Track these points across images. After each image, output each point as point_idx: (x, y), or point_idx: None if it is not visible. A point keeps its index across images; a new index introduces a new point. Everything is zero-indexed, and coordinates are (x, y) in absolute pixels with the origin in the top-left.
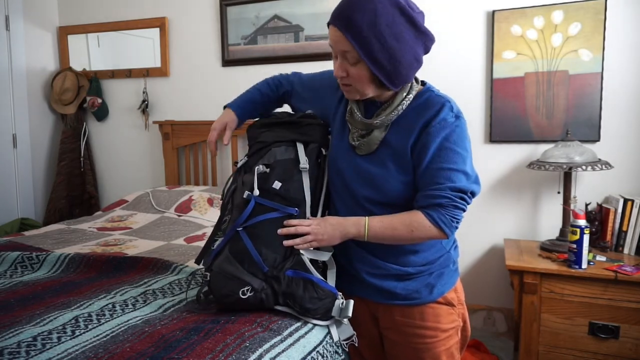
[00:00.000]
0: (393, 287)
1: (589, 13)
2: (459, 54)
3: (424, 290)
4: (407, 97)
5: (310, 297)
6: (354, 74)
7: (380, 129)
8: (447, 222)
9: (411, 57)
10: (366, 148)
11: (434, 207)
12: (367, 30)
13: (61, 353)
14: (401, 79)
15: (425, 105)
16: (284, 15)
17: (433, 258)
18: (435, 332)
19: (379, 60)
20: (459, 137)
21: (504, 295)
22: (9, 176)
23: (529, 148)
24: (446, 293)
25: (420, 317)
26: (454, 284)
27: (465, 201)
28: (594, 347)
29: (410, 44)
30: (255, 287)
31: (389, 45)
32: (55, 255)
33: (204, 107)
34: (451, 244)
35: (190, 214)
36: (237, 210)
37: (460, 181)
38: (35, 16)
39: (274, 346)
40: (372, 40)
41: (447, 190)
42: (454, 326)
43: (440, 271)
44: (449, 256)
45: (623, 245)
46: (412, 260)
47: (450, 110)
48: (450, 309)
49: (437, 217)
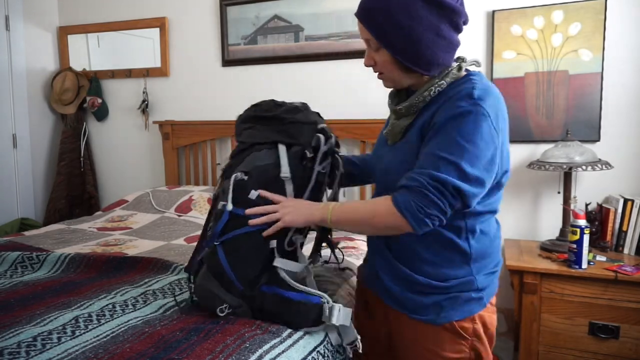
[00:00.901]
0: (403, 295)
1: (589, 13)
2: (459, 54)
3: (432, 310)
4: (439, 84)
5: (289, 313)
6: (379, 61)
7: (408, 117)
8: (412, 210)
9: (432, 35)
10: (392, 137)
11: (403, 189)
12: (379, 13)
13: (61, 353)
14: (426, 60)
15: (452, 90)
16: (284, 15)
17: (451, 276)
18: (433, 356)
19: (394, 42)
20: (467, 126)
21: (504, 295)
22: (9, 176)
23: (529, 148)
24: (455, 321)
25: (422, 335)
26: (470, 314)
27: (441, 194)
28: (594, 347)
29: (429, 20)
30: (233, 304)
31: (403, 25)
32: (56, 256)
33: (204, 107)
34: (483, 268)
35: (190, 214)
36: (214, 221)
37: (446, 172)
38: (35, 16)
39: (273, 347)
40: (384, 23)
41: (423, 175)
42: (459, 357)
43: (456, 295)
44: (472, 280)
45: (623, 245)
46: (426, 270)
47: (468, 95)
48: (458, 338)
49: (402, 201)
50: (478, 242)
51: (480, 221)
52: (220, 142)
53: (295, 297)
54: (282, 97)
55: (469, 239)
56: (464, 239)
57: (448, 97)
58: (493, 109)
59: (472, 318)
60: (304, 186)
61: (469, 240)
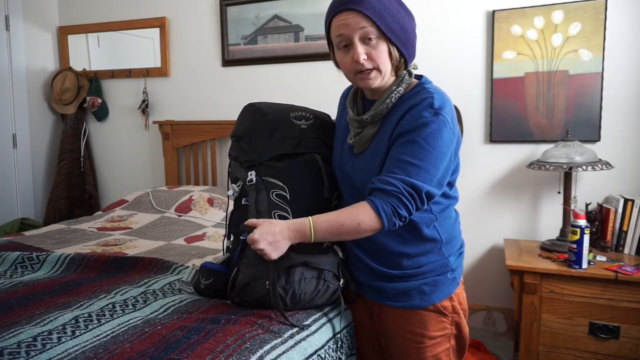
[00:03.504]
0: (382, 286)
1: (589, 13)
2: (459, 54)
3: (415, 295)
4: (397, 90)
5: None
6: (375, 54)
7: (373, 125)
8: (388, 212)
9: (413, 27)
10: (360, 146)
11: (379, 191)
12: (378, 4)
13: (61, 353)
14: (411, 49)
15: (411, 99)
16: (284, 15)
17: (427, 262)
18: (421, 337)
19: (395, 30)
20: (432, 134)
21: (504, 295)
22: (9, 176)
23: (529, 148)
24: (438, 302)
25: (406, 321)
26: (449, 294)
27: (414, 200)
28: (594, 347)
29: (409, 16)
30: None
31: (397, 16)
32: (56, 256)
33: (204, 107)
34: (452, 251)
35: (190, 214)
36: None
37: (417, 177)
38: (35, 16)
39: (274, 348)
40: (384, 12)
41: (398, 181)
42: (443, 334)
43: (435, 278)
44: (446, 263)
45: (623, 245)
46: (406, 263)
47: (429, 106)
48: (441, 316)
49: (380, 204)
50: (444, 228)
51: (444, 210)
52: (220, 142)
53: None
54: (282, 98)
55: (436, 227)
56: (433, 228)
57: (410, 106)
58: (450, 115)
59: (451, 297)
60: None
61: (437, 228)
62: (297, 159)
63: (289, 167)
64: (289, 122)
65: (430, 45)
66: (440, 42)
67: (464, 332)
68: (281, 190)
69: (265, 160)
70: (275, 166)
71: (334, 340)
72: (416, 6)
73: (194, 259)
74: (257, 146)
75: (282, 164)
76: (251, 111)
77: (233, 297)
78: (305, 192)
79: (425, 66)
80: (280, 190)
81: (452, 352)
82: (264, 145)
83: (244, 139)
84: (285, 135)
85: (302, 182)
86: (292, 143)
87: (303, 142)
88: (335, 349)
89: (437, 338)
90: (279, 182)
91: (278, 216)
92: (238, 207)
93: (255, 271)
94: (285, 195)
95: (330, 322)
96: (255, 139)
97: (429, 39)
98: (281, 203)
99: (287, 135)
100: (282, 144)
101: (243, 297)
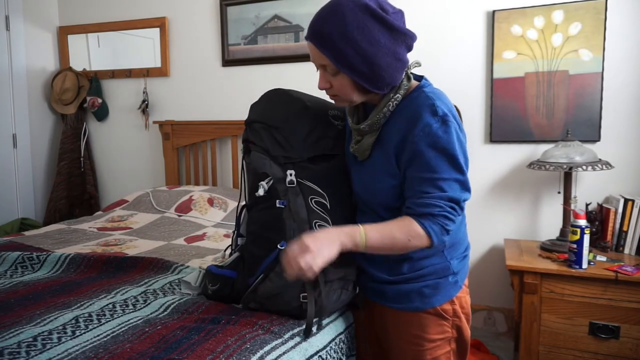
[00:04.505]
0: (383, 288)
1: (589, 13)
2: (459, 54)
3: (415, 297)
4: (395, 98)
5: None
6: (336, 85)
7: (372, 134)
8: (438, 232)
9: (390, 59)
10: (361, 154)
11: (426, 215)
12: (339, 39)
13: (61, 353)
14: (385, 81)
15: (411, 106)
16: (284, 15)
17: (429, 264)
18: (420, 340)
19: (356, 67)
20: (447, 141)
21: (504, 295)
22: (9, 176)
23: (529, 148)
24: (438, 305)
25: (406, 323)
26: (450, 297)
27: (455, 211)
28: (594, 347)
29: (387, 46)
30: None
31: (364, 51)
32: (56, 256)
33: (204, 107)
34: (456, 254)
35: (190, 214)
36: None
37: (451, 190)
38: (35, 16)
39: (275, 348)
40: (345, 48)
41: (438, 199)
42: (443, 337)
43: (436, 281)
44: (448, 266)
45: (623, 245)
46: (407, 268)
47: (433, 114)
48: (441, 320)
49: (429, 226)
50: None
51: None
52: (220, 142)
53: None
54: None
55: None
56: None
57: (411, 115)
58: (455, 117)
59: (452, 300)
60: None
61: None
62: (331, 163)
63: (326, 172)
64: (327, 121)
65: (431, 45)
66: (440, 42)
67: (465, 336)
68: (321, 198)
69: (302, 161)
70: (312, 168)
71: (335, 341)
72: (416, 6)
73: (194, 259)
74: (296, 142)
75: (319, 167)
76: (288, 100)
77: (248, 302)
78: (343, 202)
79: (426, 66)
80: (320, 197)
81: (453, 356)
82: (301, 142)
83: (278, 130)
84: (323, 135)
85: (340, 189)
86: (328, 145)
87: (337, 145)
88: (335, 350)
89: (437, 341)
90: (317, 187)
91: (319, 226)
92: (265, 207)
93: (288, 282)
94: (326, 204)
95: (331, 323)
96: (295, 133)
97: (429, 39)
98: (321, 212)
99: (325, 135)
100: (319, 144)
101: (264, 305)
